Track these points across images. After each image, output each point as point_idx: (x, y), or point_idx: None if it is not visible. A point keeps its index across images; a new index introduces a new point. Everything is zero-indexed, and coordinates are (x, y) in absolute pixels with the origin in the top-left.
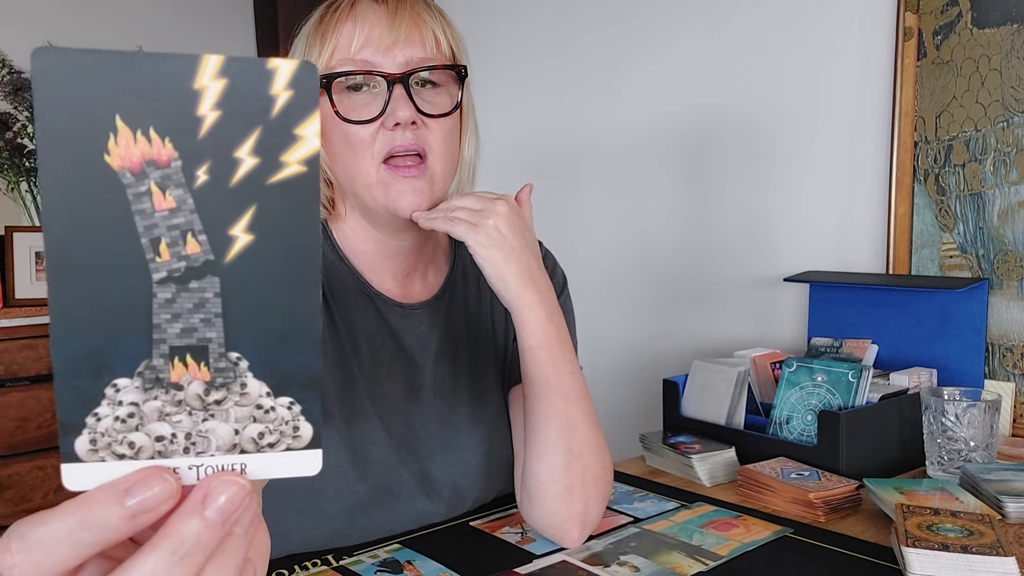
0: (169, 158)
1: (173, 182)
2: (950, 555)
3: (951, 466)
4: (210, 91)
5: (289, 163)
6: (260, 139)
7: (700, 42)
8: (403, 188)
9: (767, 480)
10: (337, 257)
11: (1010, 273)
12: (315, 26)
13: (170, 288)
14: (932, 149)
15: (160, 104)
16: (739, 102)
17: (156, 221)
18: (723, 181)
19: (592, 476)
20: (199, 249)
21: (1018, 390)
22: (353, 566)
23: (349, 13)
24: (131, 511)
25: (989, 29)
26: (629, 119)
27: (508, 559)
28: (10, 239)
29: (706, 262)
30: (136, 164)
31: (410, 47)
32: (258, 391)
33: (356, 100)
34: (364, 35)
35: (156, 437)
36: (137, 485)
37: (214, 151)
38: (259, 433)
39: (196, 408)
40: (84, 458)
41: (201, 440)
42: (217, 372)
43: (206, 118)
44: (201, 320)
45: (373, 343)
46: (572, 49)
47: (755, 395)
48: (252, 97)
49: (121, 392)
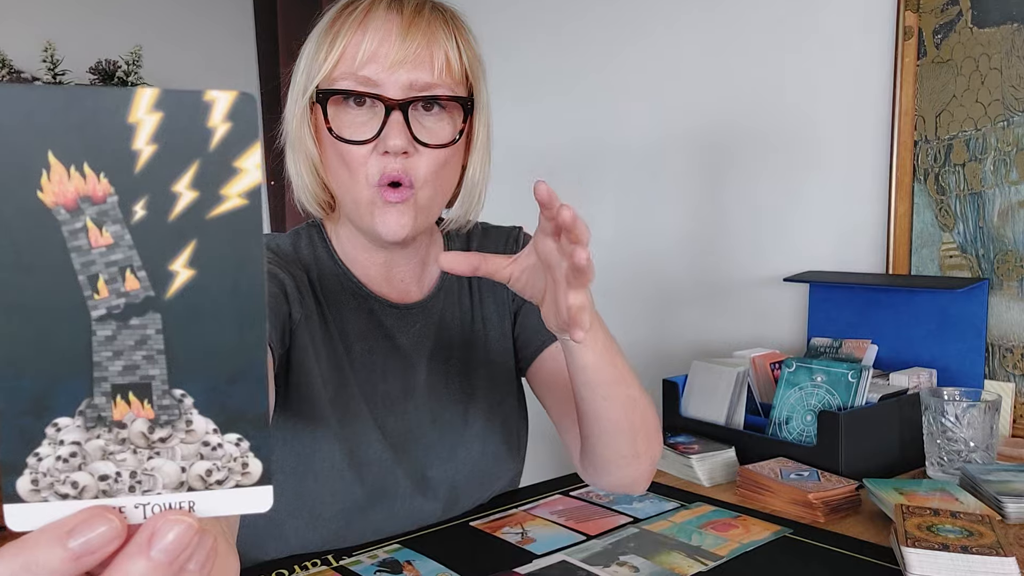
0: (105, 194)
1: (110, 218)
2: (950, 555)
3: (951, 467)
4: (145, 125)
5: (229, 196)
6: (198, 173)
7: (700, 42)
8: (388, 213)
9: (766, 480)
10: (330, 258)
11: (1010, 273)
12: (327, 26)
13: (110, 325)
14: (932, 148)
15: (94, 139)
16: (739, 102)
17: (93, 258)
18: (723, 181)
19: (653, 431)
20: (139, 285)
21: (1018, 390)
22: (353, 566)
23: (362, 21)
24: (74, 552)
25: (989, 28)
26: (629, 119)
27: (508, 559)
28: None
29: (706, 262)
30: (70, 200)
31: (417, 69)
32: (204, 428)
33: (354, 115)
34: (372, 49)
35: (100, 476)
36: (80, 526)
37: (151, 186)
38: (207, 470)
39: (140, 446)
40: (26, 498)
41: (147, 478)
42: (161, 409)
43: (142, 152)
44: (143, 357)
45: (366, 343)
46: (575, 49)
47: (755, 395)
48: (189, 130)
49: (62, 431)
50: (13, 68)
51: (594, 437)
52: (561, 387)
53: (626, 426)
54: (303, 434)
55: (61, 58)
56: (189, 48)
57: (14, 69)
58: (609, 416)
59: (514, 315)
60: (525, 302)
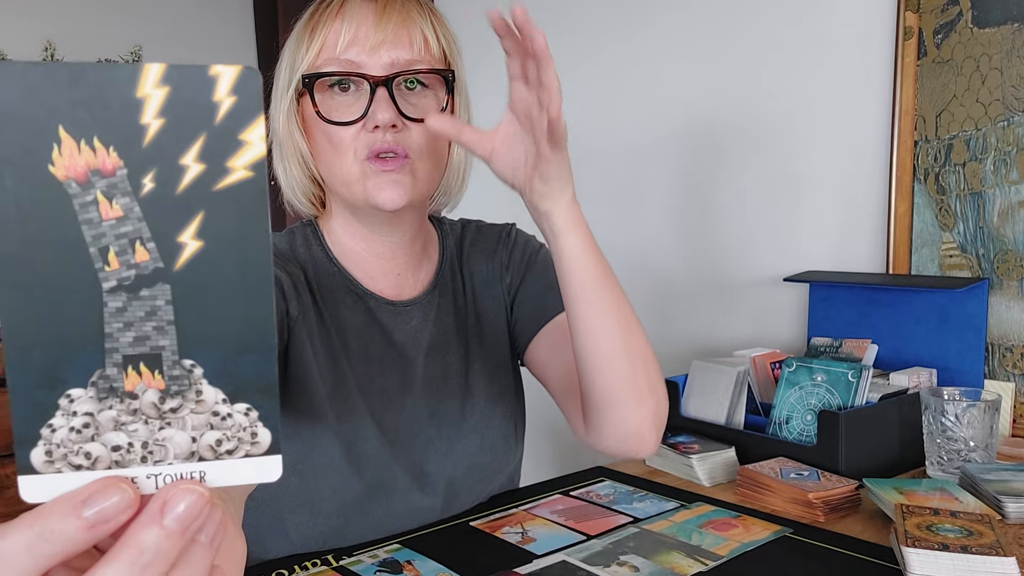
0: (114, 167)
1: (119, 191)
2: (950, 555)
3: (951, 466)
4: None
5: (235, 168)
6: (205, 145)
7: (700, 41)
8: (382, 181)
9: (766, 480)
10: (325, 256)
11: (1010, 273)
12: (306, 22)
13: (121, 297)
14: (932, 148)
15: (104, 114)
16: (739, 101)
17: (104, 230)
18: (723, 180)
19: (655, 372)
20: (148, 257)
21: (1018, 390)
22: (353, 566)
23: (339, 11)
24: (88, 522)
25: (989, 28)
26: (629, 118)
27: (508, 559)
28: None
29: (706, 262)
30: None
31: (397, 48)
32: (214, 398)
33: (340, 100)
34: (351, 34)
35: (112, 447)
36: (94, 495)
37: (159, 159)
38: (217, 440)
39: (152, 417)
40: (40, 470)
41: (158, 449)
42: (172, 380)
43: (150, 126)
44: (153, 328)
45: (363, 340)
46: (571, 48)
47: (755, 395)
48: (195, 104)
49: (75, 403)
50: None
51: (590, 364)
52: (561, 358)
53: (624, 351)
54: (302, 429)
55: (61, 58)
56: (189, 48)
57: None
58: (603, 327)
59: (510, 306)
60: (519, 291)
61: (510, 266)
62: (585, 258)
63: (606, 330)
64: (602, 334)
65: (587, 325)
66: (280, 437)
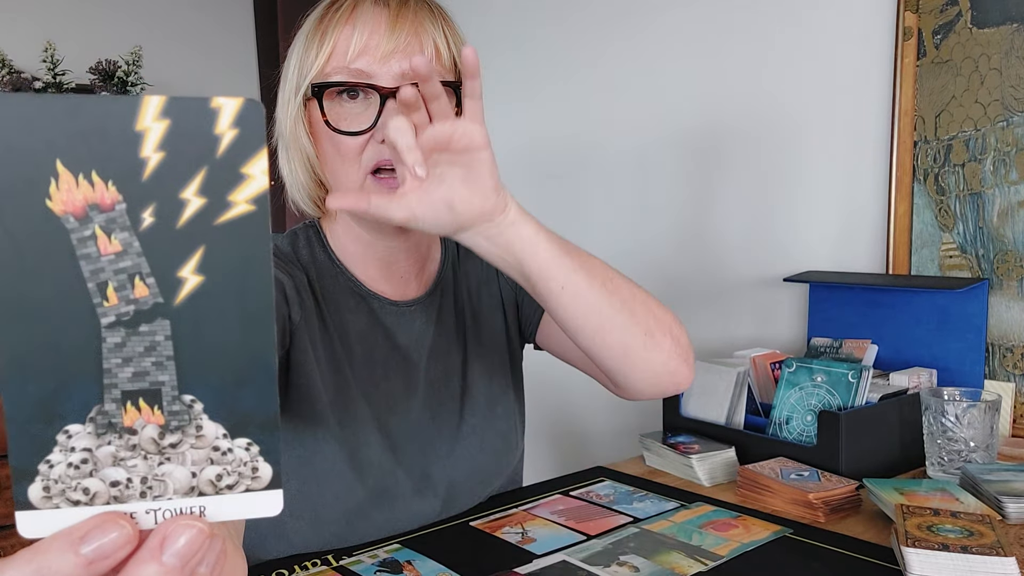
0: (113, 201)
1: (118, 225)
2: (950, 555)
3: (951, 467)
4: (153, 132)
5: (237, 202)
6: (206, 179)
7: (700, 42)
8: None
9: (767, 480)
10: (328, 258)
11: (1010, 273)
12: (315, 24)
13: (119, 332)
14: (932, 149)
15: (102, 147)
16: (739, 102)
17: (102, 265)
18: (723, 181)
19: (657, 309)
20: (147, 292)
21: (1018, 390)
22: (353, 566)
23: (350, 16)
24: (87, 558)
25: (989, 29)
26: (629, 119)
27: (508, 559)
28: None
29: (706, 262)
30: (79, 208)
31: (409, 57)
32: (214, 433)
33: (348, 109)
34: (363, 42)
35: (111, 482)
36: (92, 532)
37: (159, 193)
38: (217, 475)
39: (151, 452)
40: (38, 505)
41: (157, 484)
42: (171, 415)
43: (150, 160)
44: (153, 364)
45: (367, 343)
46: (572, 49)
47: (755, 395)
48: (196, 137)
49: (73, 438)
50: (13, 68)
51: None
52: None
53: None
54: (304, 436)
55: (61, 58)
56: (189, 48)
57: (14, 69)
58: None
59: (513, 300)
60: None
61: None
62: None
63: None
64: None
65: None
66: (281, 471)
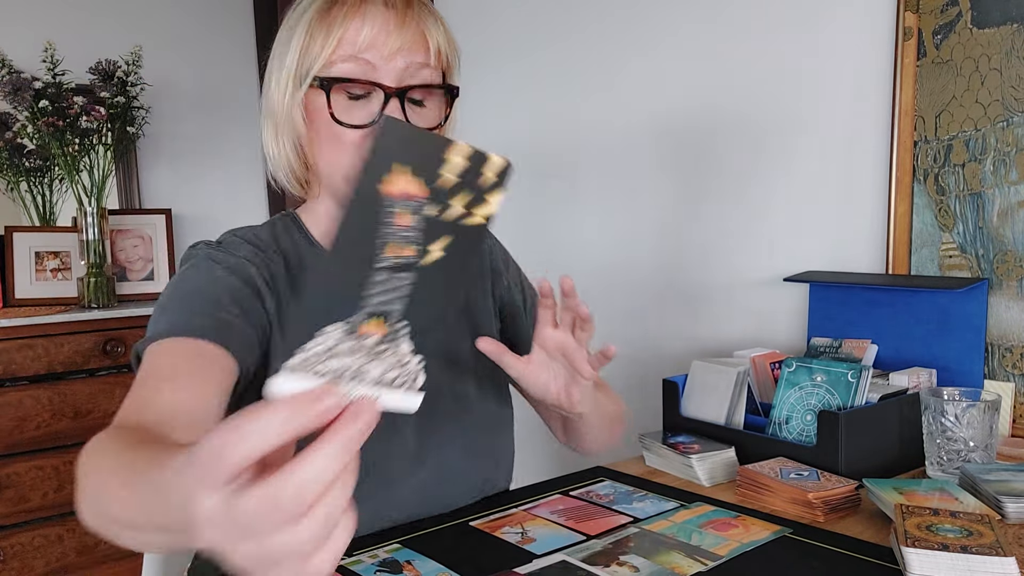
0: (419, 196)
1: (412, 210)
2: (950, 555)
3: (951, 466)
4: (453, 162)
5: (476, 215)
6: (468, 197)
7: (700, 41)
8: None
9: (766, 480)
10: (307, 242)
11: (1010, 273)
12: (321, 14)
13: (384, 274)
14: (932, 149)
15: (423, 162)
16: (739, 101)
17: (393, 231)
18: (722, 180)
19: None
20: (413, 253)
21: (1018, 390)
22: (353, 566)
23: (358, 9)
24: (318, 415)
25: (989, 29)
26: (628, 118)
27: (508, 559)
28: (10, 239)
29: (706, 262)
30: (397, 194)
31: (412, 54)
32: (406, 350)
33: (352, 101)
34: (371, 35)
35: (337, 368)
36: (323, 396)
37: (443, 198)
38: (394, 377)
39: (367, 353)
40: (295, 370)
41: (360, 375)
42: (391, 331)
43: (446, 177)
44: (395, 297)
45: None
46: (568, 48)
47: (755, 395)
48: (474, 172)
49: (328, 334)
50: (13, 68)
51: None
52: None
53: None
54: None
55: (61, 58)
56: (190, 48)
57: (14, 69)
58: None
59: (499, 310)
60: (507, 302)
61: (495, 270)
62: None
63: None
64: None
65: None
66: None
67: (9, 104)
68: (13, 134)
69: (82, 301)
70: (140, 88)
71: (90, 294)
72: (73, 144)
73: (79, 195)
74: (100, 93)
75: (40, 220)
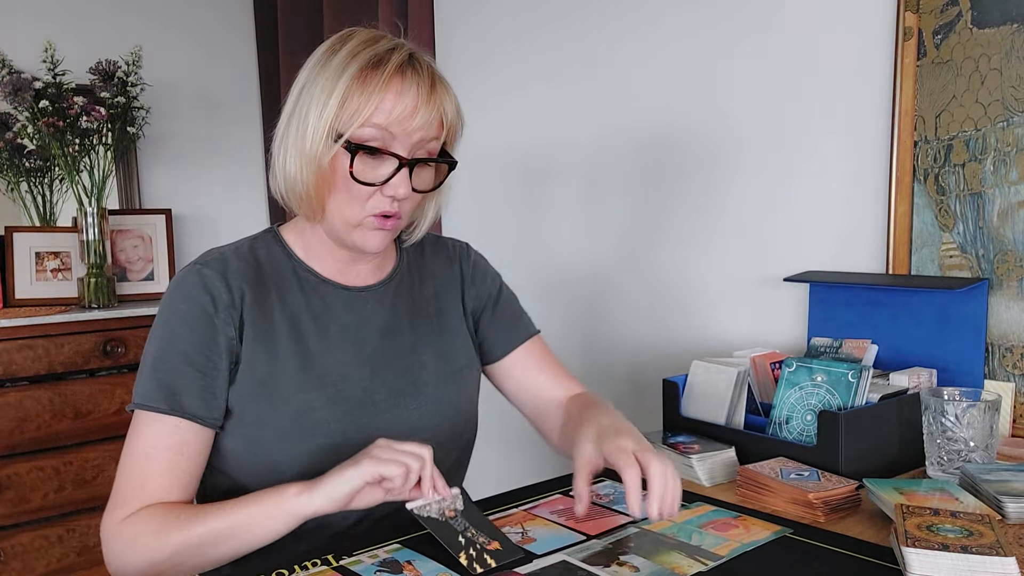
0: None
1: None
2: (950, 555)
3: (951, 466)
4: None
5: None
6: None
7: (702, 39)
8: (374, 236)
9: (767, 480)
10: (286, 255)
11: (1010, 273)
12: (363, 75)
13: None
14: (932, 149)
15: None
16: (738, 101)
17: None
18: (722, 180)
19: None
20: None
21: (1018, 390)
22: (353, 566)
23: (392, 84)
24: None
25: (989, 29)
26: (628, 116)
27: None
28: (10, 239)
29: (705, 262)
30: None
31: (428, 130)
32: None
33: (368, 161)
34: (400, 112)
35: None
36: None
37: None
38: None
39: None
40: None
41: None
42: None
43: None
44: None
45: (320, 323)
46: (568, 47)
47: (755, 395)
48: None
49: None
50: (13, 68)
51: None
52: (534, 382)
53: None
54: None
55: (61, 58)
56: (190, 48)
57: (14, 69)
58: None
59: (474, 322)
60: (493, 314)
61: (473, 281)
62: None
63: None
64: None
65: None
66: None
67: (9, 104)
68: (13, 134)
69: (82, 301)
70: (140, 88)
71: (90, 294)
72: (73, 144)
73: (79, 195)
74: (100, 93)
75: (40, 220)
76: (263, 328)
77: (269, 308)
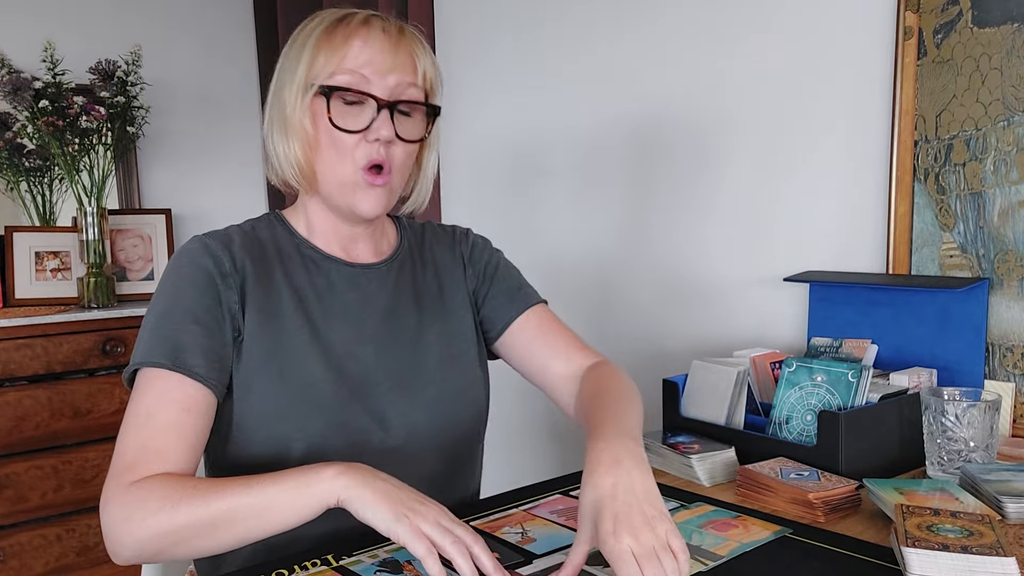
0: None
1: None
2: (950, 555)
3: (951, 466)
4: None
5: None
6: None
7: (701, 38)
8: (368, 194)
9: (766, 480)
10: (290, 233)
11: (1010, 273)
12: (327, 33)
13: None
14: (932, 148)
15: None
16: (738, 100)
17: None
18: (723, 179)
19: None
20: None
21: (1018, 390)
22: (353, 566)
23: (358, 32)
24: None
25: (989, 28)
26: (628, 115)
27: (508, 559)
28: (10, 239)
29: (706, 261)
30: None
31: (403, 74)
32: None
33: (347, 110)
34: (369, 54)
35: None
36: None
37: None
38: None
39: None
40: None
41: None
42: None
43: None
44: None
45: (323, 301)
46: (569, 41)
47: (755, 395)
48: None
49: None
50: (13, 68)
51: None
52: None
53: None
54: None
55: (61, 58)
56: (190, 48)
57: (14, 69)
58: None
59: (475, 302)
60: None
61: (472, 261)
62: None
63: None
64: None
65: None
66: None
67: (9, 104)
68: (13, 134)
69: (82, 301)
70: (140, 88)
71: (90, 294)
72: (73, 144)
73: (79, 195)
74: (100, 93)
75: (40, 220)
76: (270, 302)
77: (276, 284)
